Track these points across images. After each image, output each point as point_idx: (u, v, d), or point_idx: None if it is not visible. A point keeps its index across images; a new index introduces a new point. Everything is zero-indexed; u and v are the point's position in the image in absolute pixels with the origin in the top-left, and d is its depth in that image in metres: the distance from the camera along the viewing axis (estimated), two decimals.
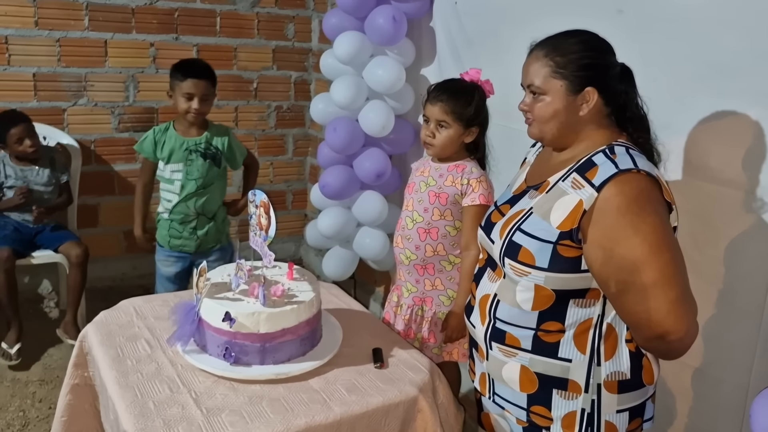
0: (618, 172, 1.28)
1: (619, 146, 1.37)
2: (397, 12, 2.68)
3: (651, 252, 1.25)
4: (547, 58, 1.39)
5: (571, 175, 1.37)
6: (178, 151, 2.68)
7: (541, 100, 1.41)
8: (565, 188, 1.36)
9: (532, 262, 1.37)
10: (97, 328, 1.78)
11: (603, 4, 2.02)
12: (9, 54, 3.21)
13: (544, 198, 1.40)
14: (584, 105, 1.38)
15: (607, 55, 1.41)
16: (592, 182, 1.31)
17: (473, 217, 1.99)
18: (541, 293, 1.38)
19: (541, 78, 1.39)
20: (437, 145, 2.02)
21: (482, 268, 1.56)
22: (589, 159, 1.37)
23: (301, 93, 4.00)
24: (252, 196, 1.71)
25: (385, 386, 1.59)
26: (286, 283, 1.70)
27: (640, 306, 1.27)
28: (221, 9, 3.65)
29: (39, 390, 2.69)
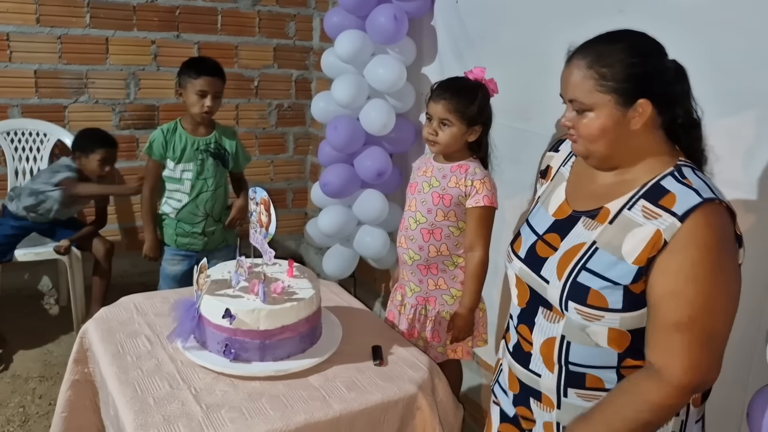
0: (703, 201, 1.14)
1: (686, 167, 1.23)
2: (398, 11, 2.68)
3: (728, 302, 1.16)
4: (591, 70, 1.22)
5: (639, 202, 1.22)
6: (189, 151, 2.68)
7: (586, 116, 1.25)
8: (634, 218, 1.20)
9: (605, 304, 1.21)
10: (97, 324, 1.78)
11: (604, 4, 2.02)
12: (10, 51, 3.22)
13: (609, 230, 1.23)
14: (636, 118, 1.22)
15: (657, 59, 1.25)
16: (672, 211, 1.16)
17: (477, 219, 2.00)
18: (616, 334, 1.24)
19: (585, 92, 1.23)
20: (441, 143, 2.01)
21: (530, 309, 1.36)
22: (657, 184, 1.21)
23: (302, 91, 4.00)
24: (252, 193, 1.71)
25: (385, 384, 1.59)
26: (286, 280, 1.70)
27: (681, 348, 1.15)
28: (222, 7, 3.65)
29: (39, 386, 2.69)
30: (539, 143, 2.31)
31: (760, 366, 1.61)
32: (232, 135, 2.81)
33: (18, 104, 3.27)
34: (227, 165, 2.77)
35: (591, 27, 2.06)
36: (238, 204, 2.86)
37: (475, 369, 2.77)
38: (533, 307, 1.35)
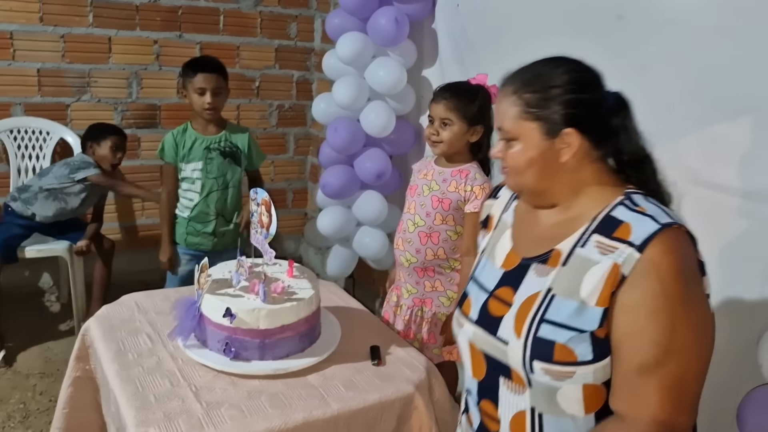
0: (661, 227, 1.04)
1: (637, 194, 1.13)
2: (399, 13, 2.71)
3: (698, 338, 1.04)
4: (515, 96, 1.15)
5: (592, 238, 1.10)
6: (197, 149, 2.68)
7: (513, 146, 1.17)
8: (590, 255, 1.09)
9: (573, 358, 1.06)
10: (99, 322, 1.80)
11: (603, 10, 2.04)
12: (14, 49, 3.24)
13: (564, 273, 1.11)
14: (565, 149, 1.13)
15: (590, 87, 1.15)
16: (629, 241, 1.05)
17: (475, 225, 2.01)
18: (592, 391, 1.09)
19: (511, 120, 1.15)
20: (444, 142, 2.03)
21: (490, 380, 1.20)
22: (608, 216, 1.11)
23: (303, 92, 4.03)
24: (254, 194, 1.73)
25: (382, 383, 1.61)
26: (286, 280, 1.72)
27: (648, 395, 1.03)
28: (225, 7, 3.68)
29: (40, 383, 2.71)
30: None
31: (751, 368, 1.63)
32: (243, 131, 2.78)
33: (21, 102, 3.29)
34: (240, 163, 2.74)
35: (591, 32, 2.09)
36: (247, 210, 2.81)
37: None
38: (493, 377, 1.19)
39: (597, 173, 1.16)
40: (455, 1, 2.70)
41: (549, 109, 1.12)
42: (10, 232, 2.94)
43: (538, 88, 1.14)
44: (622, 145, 1.17)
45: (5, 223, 2.98)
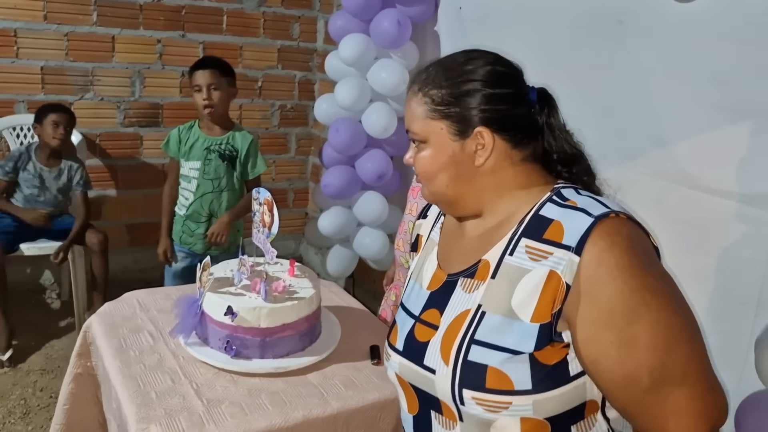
0: (595, 220, 0.90)
1: (567, 188, 1.01)
2: (401, 16, 2.72)
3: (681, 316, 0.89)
4: (421, 93, 1.02)
5: (521, 243, 0.97)
6: (198, 148, 2.69)
7: (422, 149, 1.04)
8: (520, 264, 0.95)
9: (509, 386, 0.91)
10: (101, 319, 1.81)
11: (603, 14, 2.05)
12: (17, 47, 3.26)
13: (494, 286, 0.97)
14: (479, 151, 1.00)
15: (506, 82, 1.02)
16: (563, 244, 0.91)
17: None
18: (532, 427, 0.94)
19: (417, 121, 1.02)
20: None
21: (423, 416, 1.06)
22: (536, 215, 0.98)
23: (305, 93, 4.04)
24: (256, 194, 1.74)
25: (381, 383, 1.62)
26: (287, 279, 1.73)
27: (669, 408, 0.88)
28: (228, 7, 3.69)
29: (40, 379, 2.73)
30: None
31: (749, 373, 1.64)
32: (247, 138, 2.74)
33: (24, 100, 3.31)
34: (235, 167, 2.73)
35: (592, 36, 2.10)
36: (220, 219, 2.71)
37: None
38: (425, 412, 1.05)
39: (522, 175, 1.03)
40: (457, 4, 2.72)
41: (458, 107, 1.00)
42: (5, 224, 2.96)
43: (446, 84, 1.01)
44: (549, 145, 1.05)
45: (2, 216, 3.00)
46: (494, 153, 1.01)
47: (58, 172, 3.01)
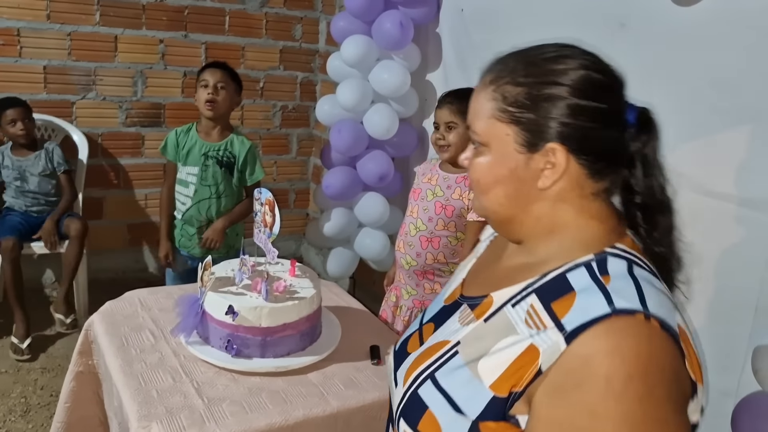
0: (612, 313, 0.72)
1: (617, 257, 0.81)
2: (404, 17, 2.73)
3: None
4: (492, 87, 0.85)
5: (528, 299, 0.81)
6: (195, 154, 2.67)
7: (481, 154, 0.87)
8: (514, 321, 0.81)
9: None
10: (102, 317, 1.82)
11: (606, 17, 2.06)
12: (20, 46, 3.26)
13: (480, 330, 0.85)
14: (546, 171, 0.82)
15: (599, 91, 0.82)
16: (560, 322, 0.75)
17: (476, 233, 2.03)
18: None
19: (482, 119, 0.86)
20: (451, 145, 2.04)
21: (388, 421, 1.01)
22: (562, 276, 0.81)
23: (307, 93, 4.05)
24: (257, 194, 1.75)
25: (382, 382, 1.63)
26: (288, 279, 1.74)
27: None
28: (230, 8, 3.70)
29: (41, 377, 2.73)
30: None
31: (747, 374, 1.65)
32: (246, 144, 2.72)
33: (27, 99, 3.30)
34: (233, 173, 2.72)
35: (594, 39, 2.11)
36: (214, 225, 2.71)
37: None
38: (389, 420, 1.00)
39: (586, 215, 0.85)
40: (460, 6, 2.73)
41: (533, 112, 0.82)
42: (14, 220, 2.98)
43: (525, 81, 0.83)
44: (635, 182, 0.86)
45: (6, 215, 3.02)
46: (564, 177, 0.83)
47: (35, 157, 3.02)
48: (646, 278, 0.79)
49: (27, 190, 3.02)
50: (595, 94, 0.82)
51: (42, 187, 3.04)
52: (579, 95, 0.81)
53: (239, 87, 2.75)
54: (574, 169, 0.83)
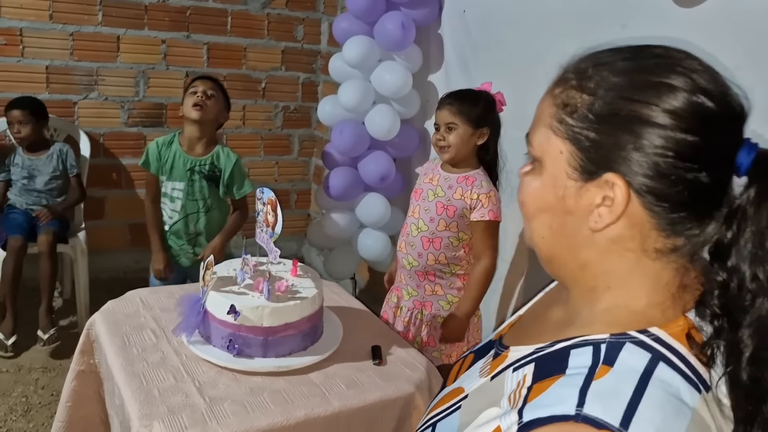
0: (573, 417, 0.57)
1: (641, 347, 0.62)
2: (406, 18, 2.73)
3: None
4: (560, 89, 0.68)
5: (528, 367, 0.68)
6: (179, 168, 2.62)
7: (534, 170, 0.71)
8: (506, 389, 0.68)
9: None
10: (104, 316, 1.82)
11: (607, 18, 2.07)
12: (23, 46, 3.27)
13: (484, 389, 0.73)
14: (601, 209, 0.65)
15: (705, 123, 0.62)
16: (525, 406, 0.62)
17: (482, 232, 2.03)
18: None
19: (538, 128, 0.71)
20: (452, 146, 2.04)
21: None
22: (566, 350, 0.65)
23: (308, 94, 4.05)
24: (260, 193, 1.75)
25: (383, 383, 1.63)
26: (290, 279, 1.74)
27: None
28: (232, 9, 3.71)
29: (42, 377, 2.73)
30: None
31: None
32: (231, 157, 2.67)
33: None
34: (218, 186, 2.67)
35: (595, 40, 2.11)
36: (212, 244, 2.67)
37: None
38: None
39: (638, 274, 0.66)
40: (461, 7, 2.73)
41: (600, 131, 0.64)
42: (18, 219, 2.99)
43: (598, 89, 0.64)
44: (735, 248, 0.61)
45: (10, 213, 3.02)
46: (623, 222, 0.64)
47: (47, 157, 3.03)
48: (665, 387, 0.58)
49: (33, 188, 3.03)
50: (700, 127, 0.62)
51: (48, 186, 3.05)
52: (676, 126, 0.61)
53: (228, 104, 2.72)
54: (639, 213, 0.64)
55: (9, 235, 2.86)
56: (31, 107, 2.98)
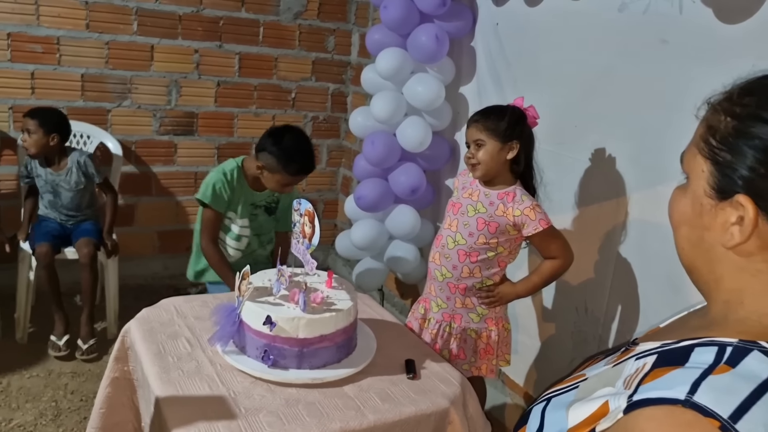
0: (683, 402, 0.61)
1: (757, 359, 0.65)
2: (440, 31, 2.73)
3: None
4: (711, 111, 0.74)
5: (650, 357, 0.72)
6: (245, 205, 2.50)
7: (683, 184, 0.77)
8: (624, 373, 0.73)
9: None
10: (139, 324, 1.83)
11: (646, 34, 2.05)
12: (60, 54, 3.32)
13: (604, 374, 0.78)
14: (733, 228, 0.69)
15: None
16: (635, 389, 0.66)
17: (544, 240, 2.02)
18: None
19: (690, 147, 0.76)
20: (481, 163, 2.04)
21: None
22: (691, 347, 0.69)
23: (338, 105, 4.07)
24: (297, 204, 1.75)
25: (418, 397, 1.62)
26: (325, 290, 1.74)
27: None
28: (264, 19, 3.74)
29: (71, 382, 2.75)
30: (572, 166, 2.33)
31: None
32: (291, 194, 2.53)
33: (64, 106, 3.37)
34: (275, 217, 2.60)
35: (631, 55, 2.09)
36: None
37: (500, 388, 2.78)
38: None
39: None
40: (495, 20, 2.73)
41: (731, 152, 0.69)
42: (49, 226, 3.02)
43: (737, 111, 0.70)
44: None
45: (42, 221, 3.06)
46: (753, 241, 0.68)
47: (66, 171, 2.99)
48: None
49: (61, 205, 3.03)
50: None
51: (75, 201, 3.05)
52: None
53: None
54: (761, 228, 0.67)
55: (37, 242, 2.89)
56: (42, 119, 2.89)
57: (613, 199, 2.20)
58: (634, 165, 2.13)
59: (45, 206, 3.06)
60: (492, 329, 2.16)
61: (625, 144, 2.16)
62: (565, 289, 2.44)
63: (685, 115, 1.48)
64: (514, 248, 2.11)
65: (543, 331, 2.57)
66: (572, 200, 2.37)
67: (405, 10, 2.77)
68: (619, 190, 2.18)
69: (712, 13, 1.87)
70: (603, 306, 2.27)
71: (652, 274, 2.06)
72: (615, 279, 2.22)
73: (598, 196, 2.27)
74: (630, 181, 2.15)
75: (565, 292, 2.45)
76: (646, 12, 2.06)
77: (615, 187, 2.19)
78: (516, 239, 2.08)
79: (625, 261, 2.17)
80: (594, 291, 2.31)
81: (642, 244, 2.11)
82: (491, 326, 2.16)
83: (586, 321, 2.34)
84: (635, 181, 2.13)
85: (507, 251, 2.09)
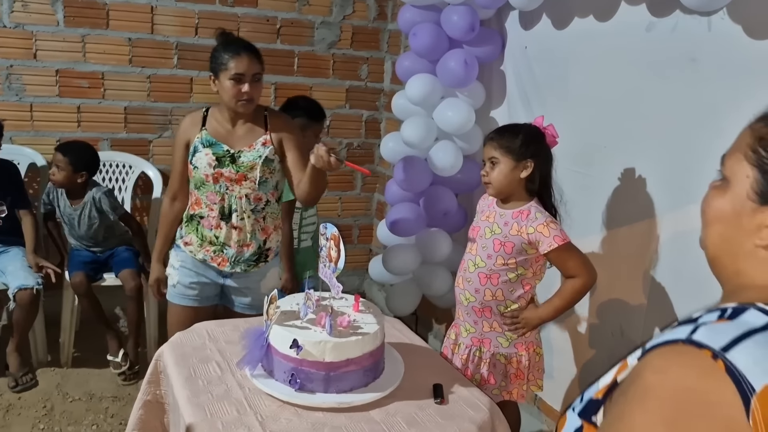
0: (683, 340, 0.71)
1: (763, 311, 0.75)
2: (468, 56, 2.75)
3: None
4: (761, 123, 0.82)
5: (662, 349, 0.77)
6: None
7: (719, 186, 0.85)
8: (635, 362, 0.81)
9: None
10: (172, 348, 1.87)
11: (675, 52, 2.03)
12: (104, 89, 3.46)
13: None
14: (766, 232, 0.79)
15: None
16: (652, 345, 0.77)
17: (561, 257, 1.98)
18: None
19: (734, 152, 0.83)
20: (493, 181, 2.04)
21: None
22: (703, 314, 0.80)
23: (372, 131, 4.11)
24: (323, 229, 1.78)
25: (445, 422, 1.61)
26: (352, 314, 1.75)
27: None
28: (300, 50, 3.82)
29: (111, 405, 2.82)
30: (599, 188, 2.31)
31: None
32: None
33: (108, 138, 3.50)
34: None
35: (661, 74, 2.07)
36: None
37: (536, 414, 2.73)
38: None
39: None
40: (523, 44, 2.74)
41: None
42: (82, 254, 3.13)
43: None
44: None
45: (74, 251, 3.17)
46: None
47: (81, 207, 3.06)
48: None
49: (78, 236, 3.14)
50: None
51: (89, 233, 3.12)
52: None
53: None
54: None
55: (71, 272, 3.01)
56: (73, 156, 2.99)
57: (644, 220, 2.16)
58: (665, 185, 2.10)
59: (68, 235, 3.18)
60: (522, 354, 2.12)
61: (656, 164, 2.13)
62: (599, 313, 2.40)
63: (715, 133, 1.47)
64: (537, 269, 2.08)
65: (579, 356, 2.52)
66: (601, 222, 2.33)
67: (434, 36, 2.80)
68: (649, 211, 2.14)
69: (741, 29, 1.84)
70: (639, 330, 2.22)
71: (688, 295, 2.01)
72: (650, 302, 2.17)
73: (629, 218, 2.24)
74: (661, 202, 2.11)
75: (599, 316, 2.40)
76: (674, 30, 2.04)
77: (645, 208, 2.15)
78: (537, 259, 2.05)
79: (659, 284, 2.12)
80: (629, 315, 2.26)
81: (676, 265, 2.07)
82: (521, 351, 2.12)
83: (622, 345, 2.29)
84: (666, 202, 2.09)
85: (531, 272, 2.06)
